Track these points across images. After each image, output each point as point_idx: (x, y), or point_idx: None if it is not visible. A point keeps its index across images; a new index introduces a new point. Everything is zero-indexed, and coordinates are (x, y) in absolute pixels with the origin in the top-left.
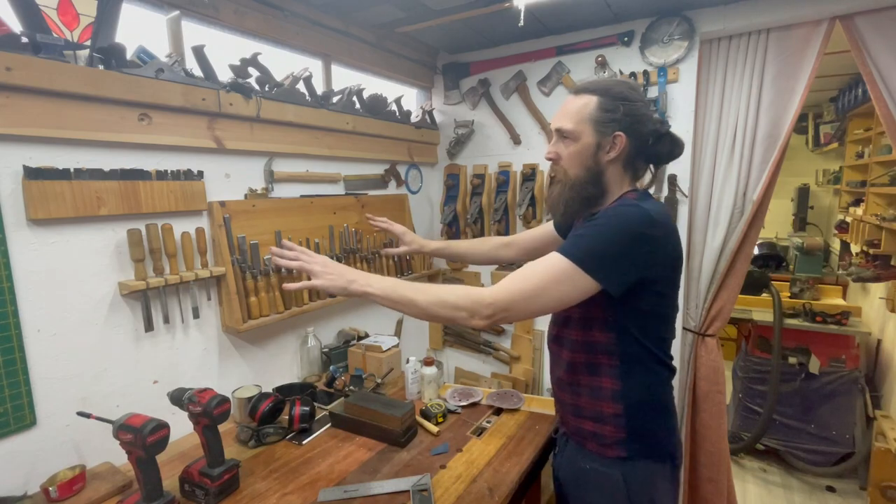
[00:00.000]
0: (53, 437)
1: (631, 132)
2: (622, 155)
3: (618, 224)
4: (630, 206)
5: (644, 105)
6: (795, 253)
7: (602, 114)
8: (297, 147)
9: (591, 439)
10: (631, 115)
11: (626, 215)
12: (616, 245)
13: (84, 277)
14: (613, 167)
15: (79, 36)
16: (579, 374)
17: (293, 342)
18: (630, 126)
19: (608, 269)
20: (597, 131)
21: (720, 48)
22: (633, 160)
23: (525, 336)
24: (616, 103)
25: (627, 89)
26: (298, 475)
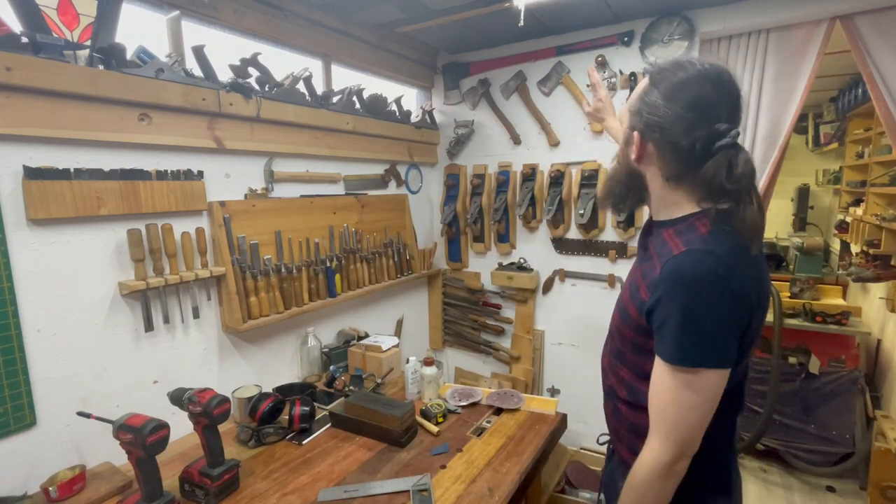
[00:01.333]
0: (53, 437)
1: (654, 136)
2: (656, 162)
3: (702, 296)
4: (700, 259)
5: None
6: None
7: (638, 103)
8: (297, 147)
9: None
10: (657, 115)
11: (703, 281)
12: (712, 317)
13: (84, 277)
14: (652, 175)
15: (79, 36)
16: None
17: (293, 342)
18: (651, 127)
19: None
20: (629, 123)
21: (720, 48)
22: (681, 176)
23: (525, 336)
24: (651, 95)
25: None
26: (298, 475)
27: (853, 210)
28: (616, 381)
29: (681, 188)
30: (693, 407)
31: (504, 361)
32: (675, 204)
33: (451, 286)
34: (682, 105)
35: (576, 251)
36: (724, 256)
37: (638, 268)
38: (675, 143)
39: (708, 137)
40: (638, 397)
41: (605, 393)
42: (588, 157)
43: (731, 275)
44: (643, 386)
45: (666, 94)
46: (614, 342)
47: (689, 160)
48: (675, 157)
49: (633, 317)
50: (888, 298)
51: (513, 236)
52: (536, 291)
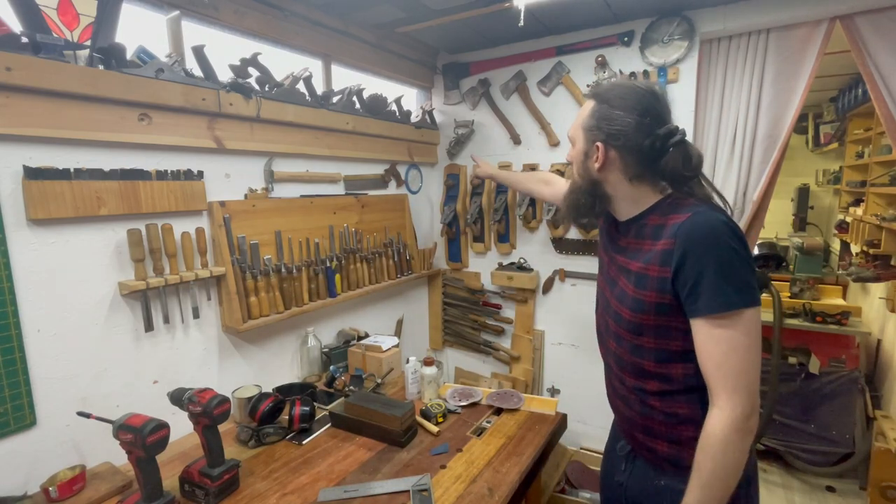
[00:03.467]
0: (53, 437)
1: (616, 142)
2: (618, 166)
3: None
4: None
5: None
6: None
7: (590, 120)
8: (297, 147)
9: (666, 460)
10: (615, 124)
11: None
12: (734, 261)
13: (84, 277)
14: (613, 178)
15: (79, 36)
16: (649, 395)
17: (293, 342)
18: (612, 135)
19: (754, 287)
20: (586, 139)
21: (720, 48)
22: (642, 174)
23: (525, 336)
24: (603, 110)
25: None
26: (298, 475)
27: (853, 210)
28: (639, 377)
29: (643, 184)
30: (748, 348)
31: (504, 361)
32: (642, 197)
33: (451, 286)
34: (638, 113)
35: (576, 251)
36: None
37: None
38: (637, 145)
39: (664, 137)
40: (669, 382)
41: (625, 397)
42: None
43: (735, 224)
44: (672, 368)
45: (621, 106)
46: (623, 343)
47: (649, 158)
48: (637, 158)
49: (650, 301)
50: (888, 298)
51: (513, 236)
52: (536, 291)
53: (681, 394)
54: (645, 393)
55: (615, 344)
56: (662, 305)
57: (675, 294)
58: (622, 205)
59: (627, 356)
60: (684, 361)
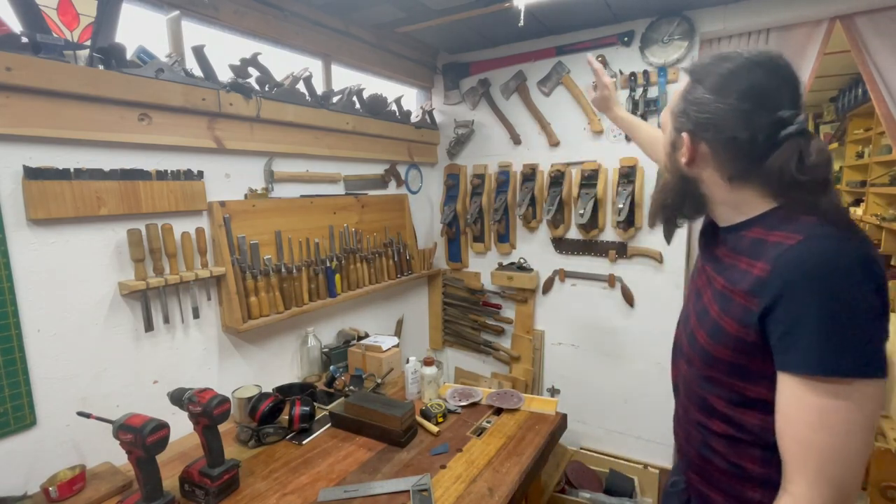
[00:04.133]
0: (53, 437)
1: (707, 136)
2: (714, 164)
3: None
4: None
5: (725, 98)
6: None
7: (680, 104)
8: (297, 147)
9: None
10: (706, 112)
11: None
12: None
13: (84, 277)
14: (711, 178)
15: (79, 36)
16: (713, 437)
17: (293, 342)
18: (702, 126)
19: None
20: (674, 126)
21: (720, 48)
22: (747, 175)
23: (525, 336)
24: (694, 91)
25: (718, 73)
26: (298, 475)
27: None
28: (704, 413)
29: (747, 187)
30: (849, 432)
31: (504, 361)
32: (744, 204)
33: (451, 286)
34: (735, 96)
35: (576, 251)
36: (859, 238)
37: (715, 278)
38: (732, 138)
39: (771, 127)
40: (741, 430)
41: (687, 430)
42: (588, 157)
43: (874, 259)
44: (745, 415)
45: (714, 87)
46: (694, 368)
47: (752, 155)
48: (734, 154)
49: (730, 332)
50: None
51: (513, 236)
52: (536, 291)
53: (755, 447)
54: (709, 433)
55: (686, 367)
56: (743, 342)
57: (763, 334)
58: (721, 209)
59: (696, 386)
60: (764, 413)
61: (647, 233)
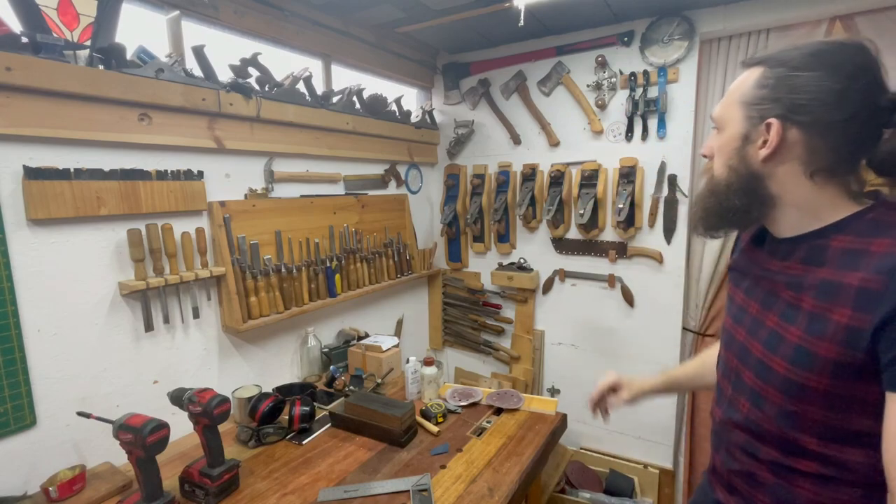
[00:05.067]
0: (53, 437)
1: (801, 118)
2: (797, 154)
3: None
4: None
5: (838, 75)
6: None
7: (757, 91)
8: (297, 147)
9: None
10: (799, 92)
11: None
12: None
13: (84, 277)
14: (786, 173)
15: (79, 36)
16: (800, 478)
17: (293, 342)
18: (796, 108)
19: None
20: (747, 117)
21: (720, 48)
22: (836, 166)
23: (525, 336)
24: (779, 75)
25: (808, 54)
26: (298, 475)
27: None
28: (788, 454)
29: (831, 183)
30: None
31: (504, 361)
32: (824, 205)
33: (451, 286)
34: (845, 74)
35: (576, 251)
36: None
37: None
38: (829, 122)
39: (875, 108)
40: (839, 468)
41: (753, 474)
42: (588, 157)
43: None
44: (848, 452)
45: (811, 66)
46: (768, 407)
47: (854, 142)
48: (833, 140)
49: (828, 357)
50: None
51: (513, 236)
52: (536, 291)
53: (855, 487)
54: (793, 473)
55: (749, 405)
56: (845, 366)
57: (873, 354)
58: (790, 213)
59: (772, 424)
60: (868, 448)
61: (646, 233)
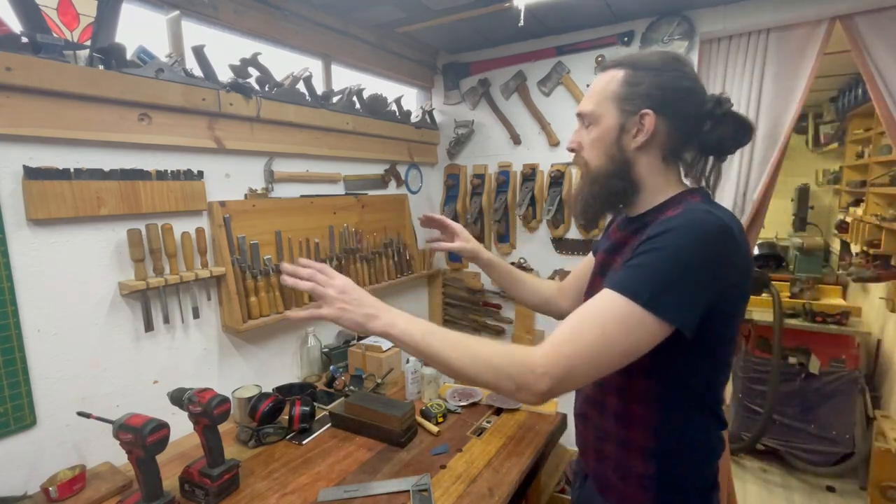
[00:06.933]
0: (53, 437)
1: (667, 110)
2: (658, 141)
3: (692, 241)
4: (701, 214)
5: (687, 77)
6: (795, 253)
7: (627, 89)
8: (297, 147)
9: (612, 492)
10: (665, 89)
11: (700, 228)
12: (692, 270)
13: (84, 277)
14: (648, 157)
15: (79, 36)
16: (606, 417)
17: (293, 342)
18: (664, 102)
19: (684, 306)
20: (620, 110)
21: (720, 48)
22: (680, 149)
23: (525, 336)
24: (646, 75)
25: (664, 59)
26: (298, 475)
27: (853, 210)
28: (596, 405)
29: (674, 166)
30: (611, 347)
31: None
32: (666, 184)
33: (451, 286)
34: (688, 80)
35: (576, 251)
36: (723, 218)
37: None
38: (685, 114)
39: (716, 103)
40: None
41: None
42: None
43: (726, 235)
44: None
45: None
46: None
47: (689, 131)
48: (684, 128)
49: None
50: (888, 298)
51: (513, 236)
52: None
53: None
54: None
55: None
56: None
57: None
58: (644, 194)
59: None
60: (644, 375)
61: None
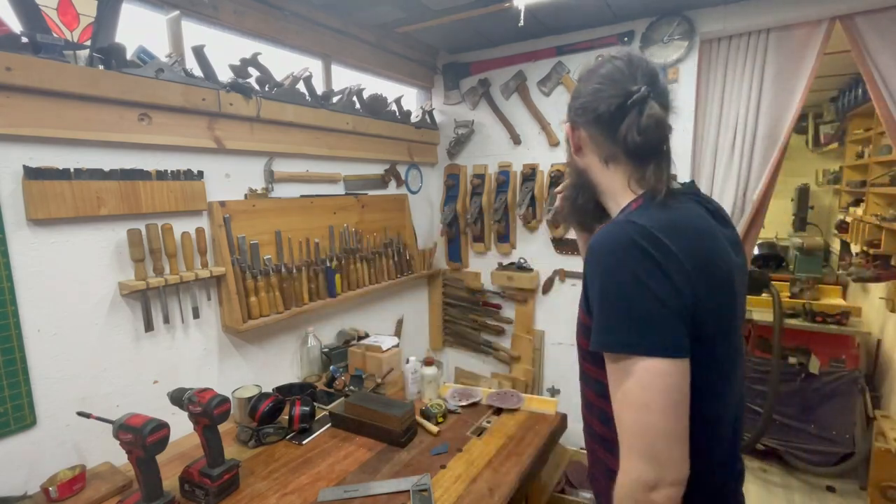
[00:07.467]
0: (53, 437)
1: (579, 118)
2: (591, 148)
3: (604, 264)
4: (616, 224)
5: (590, 80)
6: (795, 253)
7: (569, 103)
8: (297, 147)
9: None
10: (576, 98)
11: (611, 241)
12: (624, 293)
13: (84, 277)
14: (594, 163)
15: (79, 36)
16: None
17: (293, 342)
18: (580, 110)
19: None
20: (569, 126)
21: (720, 48)
22: (613, 153)
23: (525, 336)
24: (573, 91)
25: (587, 70)
26: (298, 475)
27: (853, 210)
28: (588, 411)
29: (619, 170)
30: (646, 407)
31: (504, 361)
32: (618, 192)
33: (451, 286)
34: (596, 81)
35: (576, 251)
36: (646, 225)
37: None
38: (597, 116)
39: (623, 97)
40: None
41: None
42: None
43: (652, 243)
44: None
45: (584, 79)
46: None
47: (613, 130)
48: (602, 131)
49: (581, 320)
50: (888, 298)
51: (513, 236)
52: (536, 291)
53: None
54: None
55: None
56: (589, 328)
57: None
58: (606, 199)
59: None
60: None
61: None
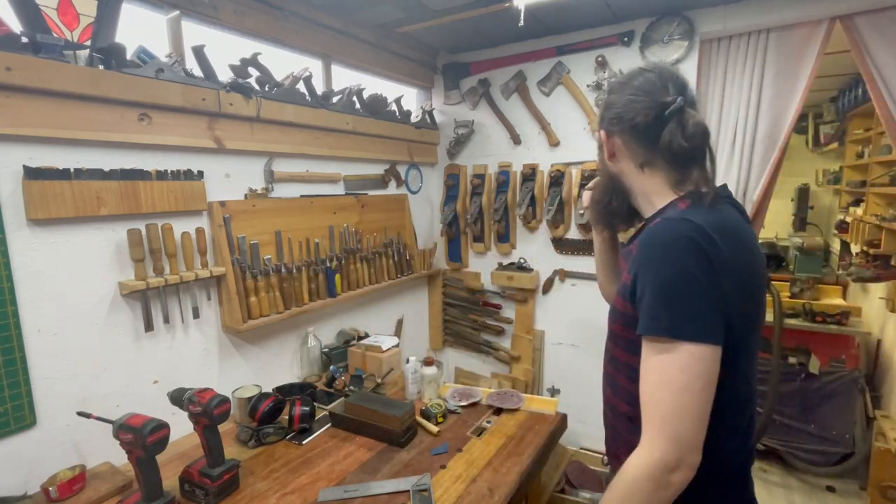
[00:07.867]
0: (53, 437)
1: (620, 127)
2: (626, 154)
3: (661, 256)
4: (672, 221)
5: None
6: (795, 253)
7: (600, 113)
8: (297, 147)
9: None
10: (610, 108)
11: (668, 236)
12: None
13: (84, 277)
14: (629, 169)
15: (79, 36)
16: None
17: (293, 342)
18: (613, 121)
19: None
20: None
21: (720, 48)
22: (651, 159)
23: (525, 336)
24: (606, 100)
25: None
26: (298, 475)
27: (853, 210)
28: (612, 391)
29: (656, 174)
30: (684, 389)
31: (504, 361)
32: (655, 194)
33: (451, 286)
34: (629, 92)
35: (576, 251)
36: (702, 225)
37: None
38: (633, 125)
39: (658, 109)
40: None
41: (604, 409)
42: (588, 157)
43: (707, 241)
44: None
45: (617, 89)
46: (608, 347)
47: (650, 138)
48: (638, 139)
49: (619, 308)
50: (888, 298)
51: (513, 236)
52: (536, 291)
53: None
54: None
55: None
56: (628, 316)
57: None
58: (639, 201)
59: (608, 363)
60: None
61: None
